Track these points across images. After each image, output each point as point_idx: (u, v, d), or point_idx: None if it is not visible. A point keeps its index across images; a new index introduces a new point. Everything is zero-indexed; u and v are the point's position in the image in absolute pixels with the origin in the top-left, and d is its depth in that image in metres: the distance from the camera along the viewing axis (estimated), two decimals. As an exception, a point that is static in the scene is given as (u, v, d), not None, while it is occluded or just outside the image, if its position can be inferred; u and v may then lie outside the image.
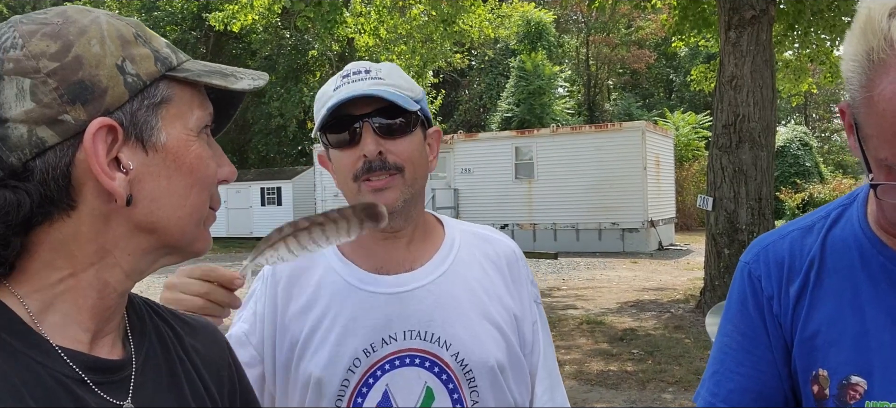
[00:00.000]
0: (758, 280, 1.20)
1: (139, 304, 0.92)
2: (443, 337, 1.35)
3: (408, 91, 1.36)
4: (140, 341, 0.86)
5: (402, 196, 1.34)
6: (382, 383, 1.34)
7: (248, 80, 0.86)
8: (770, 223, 9.58)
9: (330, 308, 1.37)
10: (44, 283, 0.77)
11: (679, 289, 12.47)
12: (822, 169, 29.24)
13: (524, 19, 33.92)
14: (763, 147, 9.38)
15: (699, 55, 32.64)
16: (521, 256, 1.50)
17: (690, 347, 8.09)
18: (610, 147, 19.22)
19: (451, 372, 1.34)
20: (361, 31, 18.67)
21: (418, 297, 1.37)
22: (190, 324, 0.97)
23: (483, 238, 1.49)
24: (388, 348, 1.34)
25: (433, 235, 1.46)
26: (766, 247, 1.22)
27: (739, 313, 1.22)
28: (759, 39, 9.29)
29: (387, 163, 1.32)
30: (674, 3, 12.70)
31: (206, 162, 0.84)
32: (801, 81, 14.70)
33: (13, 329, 0.74)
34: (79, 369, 0.76)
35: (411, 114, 1.35)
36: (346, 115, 1.33)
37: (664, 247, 20.02)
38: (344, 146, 1.35)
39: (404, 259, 1.41)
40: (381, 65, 1.40)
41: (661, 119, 29.28)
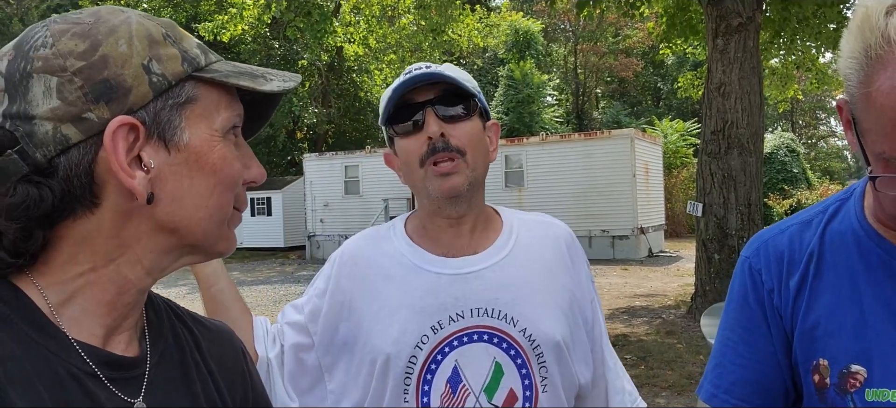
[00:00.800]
0: (758, 273, 1.23)
1: (159, 303, 0.93)
2: (510, 314, 1.39)
3: (466, 82, 1.43)
4: (156, 340, 0.87)
5: (467, 180, 1.40)
6: (451, 358, 1.38)
7: (278, 82, 0.86)
8: (759, 229, 9.61)
9: (397, 289, 1.42)
10: (65, 276, 0.78)
11: (670, 295, 12.53)
12: (809, 175, 29.45)
13: (512, 28, 34.08)
14: (752, 153, 9.45)
15: (686, 63, 32.89)
16: (575, 239, 1.56)
17: (682, 352, 8.13)
18: (599, 155, 19.29)
19: (520, 348, 1.38)
20: (351, 41, 18.69)
21: (484, 277, 1.42)
22: (208, 327, 0.98)
23: (539, 223, 1.55)
24: (455, 325, 1.39)
25: (493, 223, 1.52)
26: (765, 242, 1.25)
27: (740, 307, 1.25)
28: (746, 46, 9.38)
29: (450, 145, 1.38)
30: (661, 11, 12.81)
31: (230, 163, 0.84)
32: (787, 88, 14.84)
33: (31, 319, 0.75)
34: (93, 363, 0.76)
35: (470, 102, 1.43)
36: (410, 104, 1.40)
37: (654, 254, 20.10)
38: (408, 134, 1.41)
39: (468, 244, 1.46)
40: (441, 65, 1.47)
41: (649, 127, 29.42)
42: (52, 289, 0.77)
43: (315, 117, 27.76)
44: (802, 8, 11.09)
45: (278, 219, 25.35)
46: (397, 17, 19.03)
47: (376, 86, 27.41)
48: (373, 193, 21.91)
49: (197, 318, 0.98)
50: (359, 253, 1.50)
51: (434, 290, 1.40)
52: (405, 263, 1.45)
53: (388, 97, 1.42)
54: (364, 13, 17.78)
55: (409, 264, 1.44)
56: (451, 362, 1.37)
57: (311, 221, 23.22)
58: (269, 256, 23.91)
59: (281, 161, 30.74)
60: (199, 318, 0.99)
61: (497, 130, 1.53)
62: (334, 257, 1.52)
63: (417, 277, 1.42)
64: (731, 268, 8.29)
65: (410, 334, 1.38)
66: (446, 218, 1.44)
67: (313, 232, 23.19)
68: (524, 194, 19.49)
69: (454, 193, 1.39)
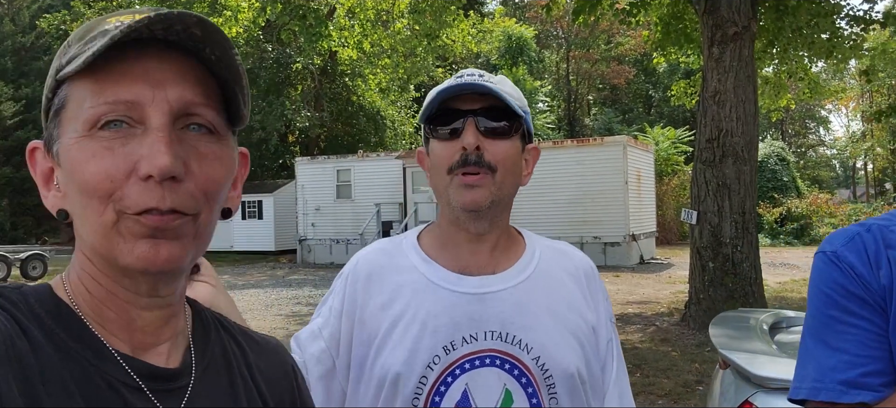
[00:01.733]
0: (847, 265, 1.22)
1: (207, 317, 0.91)
2: (524, 340, 1.35)
3: (517, 100, 1.39)
4: (202, 353, 0.85)
5: (491, 197, 1.35)
6: (462, 381, 1.33)
7: (117, 21, 0.75)
8: (754, 237, 9.68)
9: (411, 305, 1.37)
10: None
11: (663, 302, 12.55)
12: (798, 184, 29.63)
13: (505, 34, 34.15)
14: (746, 161, 9.49)
15: (678, 71, 33.03)
16: (596, 273, 1.51)
17: (678, 359, 8.14)
18: (592, 162, 19.34)
19: (531, 376, 1.34)
20: (345, 45, 18.67)
21: (501, 298, 1.37)
22: (257, 342, 0.95)
23: (562, 252, 1.51)
24: (468, 347, 1.34)
25: (516, 244, 1.48)
26: (852, 237, 1.25)
27: (826, 301, 1.23)
28: (741, 55, 9.42)
29: (482, 160, 1.34)
30: (656, 19, 12.85)
31: (80, 165, 0.73)
32: (780, 97, 14.92)
33: (69, 327, 0.74)
34: (133, 373, 0.75)
35: (515, 121, 1.38)
36: (453, 109, 1.36)
37: (646, 261, 20.15)
38: (446, 138, 1.37)
39: (487, 263, 1.42)
40: (495, 75, 1.42)
41: (640, 134, 29.53)
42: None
43: (307, 121, 27.70)
44: (796, 18, 11.15)
45: (269, 223, 25.29)
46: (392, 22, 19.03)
47: (370, 90, 27.39)
48: (365, 198, 21.87)
49: (246, 332, 0.95)
50: (371, 267, 1.44)
51: (449, 308, 1.36)
52: (420, 280, 1.40)
53: (433, 97, 1.38)
54: (359, 17, 17.77)
55: (423, 281, 1.40)
56: (462, 386, 1.33)
57: (303, 225, 23.15)
58: (260, 259, 23.83)
59: (272, 165, 30.65)
60: (249, 332, 0.96)
61: (536, 156, 1.48)
62: (346, 273, 1.46)
63: (432, 295, 1.38)
64: (725, 276, 8.29)
65: (422, 352, 1.34)
66: (466, 232, 1.40)
67: (304, 236, 23.12)
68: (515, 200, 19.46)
69: (475, 207, 1.35)
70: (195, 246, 0.77)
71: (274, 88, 27.42)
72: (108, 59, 0.72)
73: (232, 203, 0.86)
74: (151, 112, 0.73)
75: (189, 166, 0.75)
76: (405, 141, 30.80)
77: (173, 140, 0.73)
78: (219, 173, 0.78)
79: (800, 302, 11.87)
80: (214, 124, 0.78)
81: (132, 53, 0.73)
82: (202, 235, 0.78)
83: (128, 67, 0.73)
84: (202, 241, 0.79)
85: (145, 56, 0.74)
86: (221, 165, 0.78)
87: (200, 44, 0.75)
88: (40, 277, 18.54)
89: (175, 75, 0.75)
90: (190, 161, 0.75)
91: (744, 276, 9.48)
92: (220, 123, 0.79)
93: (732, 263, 9.48)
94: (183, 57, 0.76)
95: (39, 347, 0.70)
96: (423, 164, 1.47)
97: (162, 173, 0.71)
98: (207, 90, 0.77)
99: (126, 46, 0.73)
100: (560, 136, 35.59)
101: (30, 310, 0.73)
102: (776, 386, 2.66)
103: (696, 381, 7.18)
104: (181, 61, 0.75)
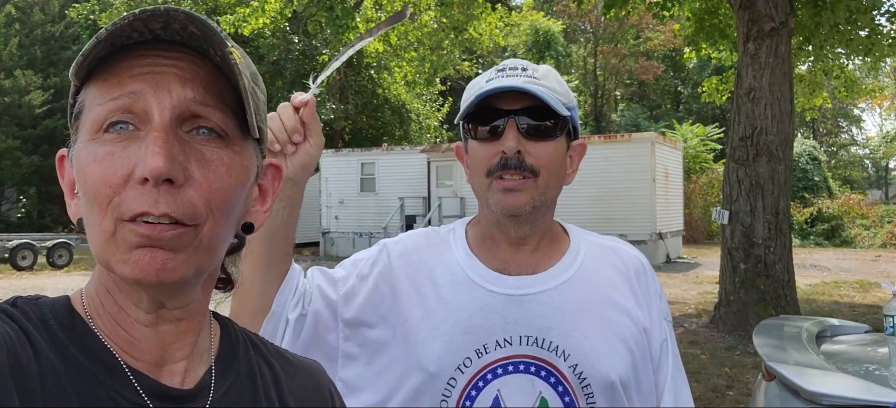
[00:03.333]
0: None
1: (238, 336, 0.86)
2: (561, 346, 1.27)
3: (562, 96, 1.30)
4: (224, 374, 0.80)
5: (532, 202, 1.28)
6: (493, 387, 1.27)
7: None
8: (787, 238, 9.43)
9: (446, 299, 1.31)
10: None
11: (690, 303, 12.32)
12: (830, 183, 29.09)
13: (533, 28, 33.93)
14: (781, 161, 9.24)
15: (708, 67, 32.57)
16: (650, 269, 1.42)
17: (707, 363, 7.94)
18: (619, 158, 19.08)
19: (568, 384, 1.27)
20: (371, 37, 18.60)
21: (539, 301, 1.30)
22: (293, 364, 0.90)
23: (610, 248, 1.42)
24: (502, 352, 1.27)
25: (559, 243, 1.40)
26: None
27: None
28: (778, 52, 9.16)
29: (523, 163, 1.27)
30: (689, 13, 12.60)
31: (84, 169, 0.70)
32: (815, 95, 14.58)
33: (82, 342, 0.72)
34: (143, 392, 0.72)
35: (560, 119, 1.29)
36: (493, 108, 1.28)
37: (672, 260, 19.89)
38: (485, 139, 1.30)
39: (527, 263, 1.35)
40: (539, 66, 1.33)
41: (669, 130, 29.16)
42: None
43: (332, 113, 27.71)
44: (835, 14, 10.84)
45: (293, 214, 25.34)
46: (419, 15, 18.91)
47: (395, 83, 27.33)
48: (389, 192, 21.81)
49: (282, 354, 0.90)
50: (415, 251, 1.38)
51: (484, 309, 1.29)
52: (459, 274, 1.33)
53: (472, 96, 1.29)
54: (386, 9, 17.67)
55: (462, 276, 1.33)
56: (493, 392, 1.26)
57: (326, 217, 23.17)
58: (284, 251, 23.89)
59: (297, 156, 30.64)
60: (286, 354, 0.90)
61: (582, 152, 1.39)
62: (386, 245, 1.40)
63: (469, 292, 1.31)
64: (757, 278, 8.10)
65: (453, 353, 1.27)
66: (505, 235, 1.34)
67: (328, 229, 23.14)
68: (542, 196, 19.29)
69: (515, 212, 1.28)
70: (198, 260, 0.71)
71: (299, 80, 27.45)
72: (116, 60, 0.70)
73: (256, 218, 0.82)
74: (153, 109, 0.69)
75: (190, 172, 0.70)
76: (430, 135, 30.70)
77: (172, 142, 0.69)
78: (225, 182, 0.72)
79: (830, 305, 11.60)
80: (224, 128, 0.73)
81: (139, 53, 0.71)
82: (206, 248, 0.72)
83: (133, 65, 0.70)
84: (207, 254, 0.72)
85: (152, 54, 0.71)
86: (229, 173, 0.72)
87: (204, 44, 0.70)
88: (66, 266, 18.77)
89: (180, 73, 0.71)
90: (191, 166, 0.70)
91: (776, 278, 9.23)
92: (231, 128, 0.73)
93: (765, 264, 9.23)
94: (192, 56, 0.72)
95: (45, 359, 0.67)
96: (463, 160, 1.39)
97: (155, 175, 0.66)
98: (217, 92, 0.72)
99: (135, 48, 0.70)
100: (587, 132, 35.29)
101: (43, 321, 0.71)
102: (829, 403, 2.50)
103: (727, 386, 6.98)
104: (189, 61, 0.72)
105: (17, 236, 19.82)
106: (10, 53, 27.66)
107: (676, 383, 1.36)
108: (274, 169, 0.85)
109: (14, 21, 29.11)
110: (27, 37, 29.14)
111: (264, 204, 0.83)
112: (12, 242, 18.63)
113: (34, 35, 29.36)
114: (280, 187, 0.85)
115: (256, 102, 0.76)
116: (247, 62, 0.76)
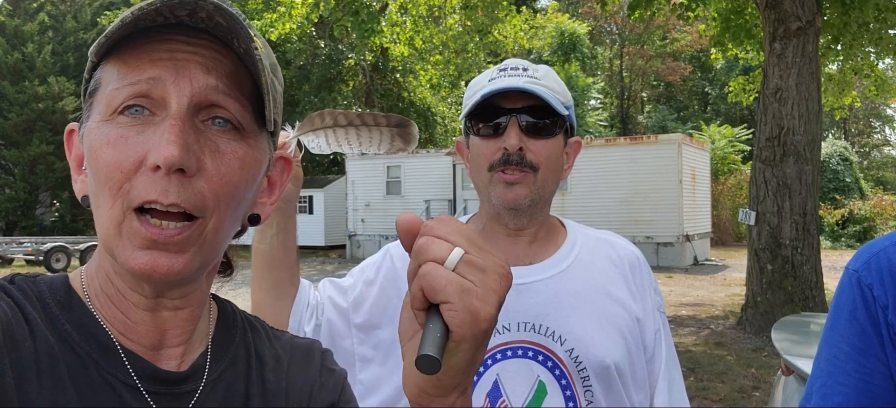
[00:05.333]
0: (869, 289, 1.15)
1: (236, 320, 0.86)
2: (557, 332, 1.33)
3: (560, 96, 1.38)
4: (219, 358, 0.80)
5: (531, 196, 1.35)
6: (492, 372, 1.32)
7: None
8: (815, 239, 9.33)
9: None
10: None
11: (717, 305, 12.23)
12: (862, 184, 28.64)
13: (558, 31, 33.85)
14: (808, 161, 9.15)
15: (736, 67, 32.24)
16: (644, 263, 1.48)
17: (733, 364, 7.89)
18: (645, 160, 18.97)
19: (565, 368, 1.32)
20: (397, 41, 18.70)
21: (535, 290, 1.36)
22: (291, 346, 0.89)
23: (605, 241, 1.48)
24: (500, 338, 1.33)
25: (556, 235, 1.46)
26: (876, 254, 1.17)
27: (849, 324, 1.17)
28: (805, 51, 9.09)
29: (524, 159, 1.33)
30: (715, 13, 12.52)
31: (96, 152, 0.69)
32: (844, 95, 14.40)
33: (78, 322, 0.72)
34: (134, 373, 0.72)
35: (558, 118, 1.36)
36: (495, 106, 1.35)
37: (700, 262, 19.72)
38: (488, 136, 1.36)
39: (524, 254, 1.41)
40: (539, 66, 1.41)
41: (696, 132, 28.91)
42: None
43: (358, 117, 27.83)
44: (863, 12, 10.71)
45: (319, 218, 25.52)
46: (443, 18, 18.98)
47: (421, 86, 27.43)
48: (414, 194, 21.91)
49: (280, 337, 0.90)
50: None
51: None
52: None
53: (475, 97, 1.36)
54: (411, 13, 17.77)
55: None
56: (492, 376, 1.32)
57: (352, 220, 23.32)
58: (310, 254, 24.09)
59: (323, 160, 30.96)
60: (283, 336, 0.90)
61: (577, 149, 1.47)
62: (389, 249, 1.47)
63: None
64: (784, 279, 8.04)
65: None
66: (504, 226, 1.41)
67: (354, 232, 23.29)
68: (567, 198, 19.28)
69: (515, 205, 1.35)
70: (202, 255, 0.71)
71: (325, 85, 27.68)
72: (138, 41, 0.69)
73: (263, 209, 0.81)
74: (171, 95, 0.68)
75: (203, 163, 0.69)
76: (456, 137, 30.76)
77: (188, 130, 0.68)
78: (236, 176, 0.71)
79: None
80: (241, 121, 0.72)
81: (162, 37, 0.69)
82: (211, 242, 0.71)
83: (155, 48, 0.69)
84: (212, 248, 0.72)
85: (175, 39, 0.70)
86: (241, 166, 0.72)
87: (229, 35, 0.69)
88: (99, 267, 19.09)
89: (202, 60, 0.70)
90: (204, 157, 0.69)
91: (804, 279, 9.15)
92: (247, 121, 0.72)
93: (792, 265, 9.15)
94: (215, 45, 0.71)
95: (41, 338, 0.68)
96: (463, 154, 1.47)
97: (168, 164, 0.65)
98: (236, 83, 0.71)
99: (158, 31, 0.69)
100: (613, 133, 35.12)
101: (40, 299, 0.71)
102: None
103: (753, 387, 6.95)
104: (212, 49, 0.71)
105: (50, 240, 20.25)
106: (44, 60, 28.22)
107: (670, 372, 1.42)
108: (283, 162, 0.85)
109: (47, 29, 29.70)
110: (60, 44, 29.70)
111: (271, 196, 0.83)
112: (46, 245, 19.06)
113: (67, 42, 29.92)
114: (288, 180, 0.87)
115: (275, 94, 0.75)
116: (267, 52, 0.75)
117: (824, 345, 1.21)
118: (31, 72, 27.89)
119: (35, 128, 27.74)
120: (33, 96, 27.44)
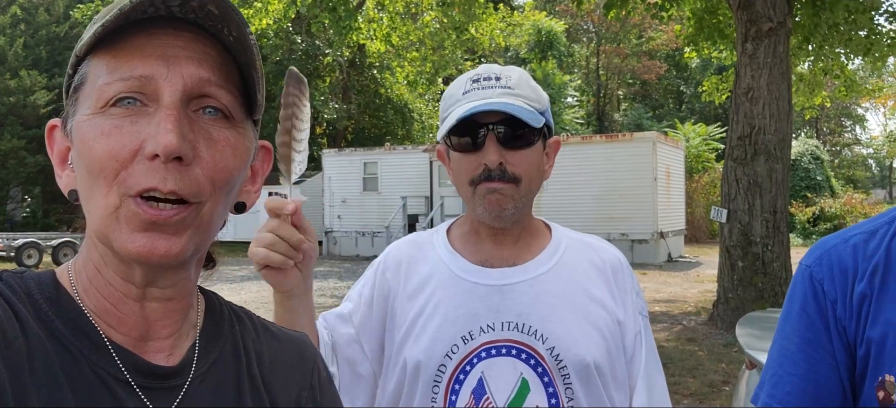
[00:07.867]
0: (820, 284, 1.19)
1: (223, 312, 0.87)
2: (540, 330, 1.37)
3: (535, 103, 1.40)
4: (207, 351, 0.81)
5: (515, 204, 1.39)
6: (478, 369, 1.36)
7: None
8: (785, 237, 9.50)
9: (434, 296, 1.42)
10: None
11: (690, 301, 12.39)
12: (833, 183, 29.09)
13: (535, 28, 33.95)
14: (778, 160, 9.31)
15: (710, 67, 32.57)
16: (627, 266, 1.52)
17: (704, 359, 8.01)
18: (620, 157, 19.13)
19: (547, 365, 1.36)
20: (373, 38, 18.67)
21: (519, 290, 1.40)
22: (279, 338, 0.90)
23: (589, 245, 1.52)
24: (484, 337, 1.37)
25: (540, 237, 1.50)
26: (828, 251, 1.21)
27: (799, 317, 1.21)
28: (776, 51, 9.23)
29: (505, 173, 1.37)
30: (689, 13, 12.65)
31: (88, 143, 0.70)
32: (814, 95, 14.62)
33: (67, 317, 0.72)
34: (125, 368, 0.72)
35: (536, 129, 1.39)
36: (472, 121, 1.37)
37: (674, 259, 19.92)
38: (467, 151, 1.39)
39: (509, 256, 1.45)
40: (511, 71, 1.43)
41: (671, 130, 29.18)
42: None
43: (335, 113, 27.78)
44: (833, 14, 10.89)
45: (296, 214, 25.37)
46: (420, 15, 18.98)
47: (397, 83, 27.39)
48: (391, 191, 21.87)
49: (268, 328, 0.91)
50: (402, 258, 1.49)
51: (469, 300, 1.40)
52: (444, 271, 1.44)
53: (450, 118, 1.37)
54: (387, 10, 17.75)
55: (447, 272, 1.44)
56: (478, 374, 1.36)
57: (329, 217, 23.23)
58: (287, 250, 23.95)
59: (300, 156, 30.74)
60: (271, 328, 0.91)
61: (557, 148, 1.50)
62: (378, 263, 1.52)
63: (454, 286, 1.42)
64: (754, 275, 8.16)
65: (442, 342, 1.38)
66: (489, 228, 1.45)
67: (330, 228, 23.21)
68: (543, 195, 19.20)
69: (500, 215, 1.39)
70: (198, 238, 0.74)
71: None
72: (126, 35, 0.70)
73: (248, 197, 0.83)
74: (164, 89, 0.70)
75: (198, 150, 0.71)
76: (432, 134, 30.77)
77: (183, 120, 0.70)
78: (230, 162, 0.74)
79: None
80: (230, 109, 0.74)
81: (151, 30, 0.71)
82: (206, 226, 0.74)
83: (145, 43, 0.71)
84: (206, 232, 0.75)
85: (163, 33, 0.71)
86: (234, 153, 0.75)
87: (219, 23, 0.72)
88: (72, 264, 18.83)
89: (192, 54, 0.72)
90: (199, 145, 0.72)
91: (774, 276, 9.31)
92: (236, 109, 0.75)
93: (762, 262, 9.31)
94: (202, 36, 0.73)
95: (32, 334, 0.68)
96: (444, 161, 1.50)
97: (166, 152, 0.67)
98: (226, 73, 0.74)
99: (146, 24, 0.71)
100: (589, 131, 35.31)
101: (28, 295, 0.72)
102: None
103: (723, 381, 7.06)
104: (200, 41, 0.73)
105: (22, 235, 19.95)
106: (16, 54, 27.77)
107: (650, 374, 1.44)
108: (264, 150, 0.87)
109: (19, 22, 29.23)
110: (32, 37, 29.24)
111: (255, 184, 0.85)
112: (18, 241, 18.77)
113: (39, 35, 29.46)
114: (269, 168, 0.88)
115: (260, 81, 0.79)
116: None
117: (777, 337, 1.26)
118: (2, 65, 27.43)
119: (6, 122, 27.30)
120: (4, 90, 26.99)
